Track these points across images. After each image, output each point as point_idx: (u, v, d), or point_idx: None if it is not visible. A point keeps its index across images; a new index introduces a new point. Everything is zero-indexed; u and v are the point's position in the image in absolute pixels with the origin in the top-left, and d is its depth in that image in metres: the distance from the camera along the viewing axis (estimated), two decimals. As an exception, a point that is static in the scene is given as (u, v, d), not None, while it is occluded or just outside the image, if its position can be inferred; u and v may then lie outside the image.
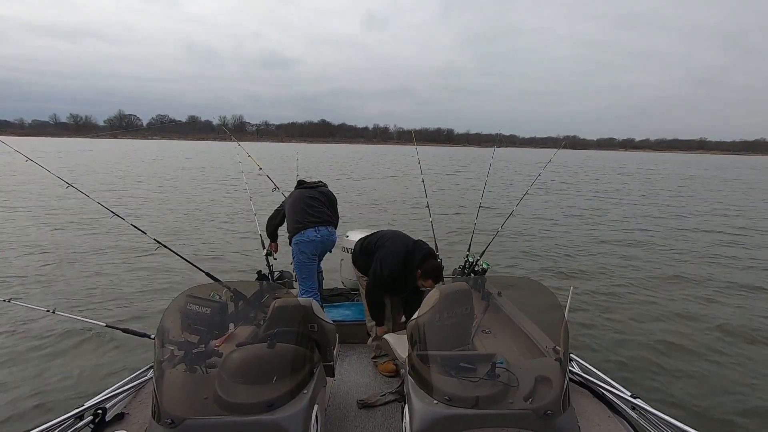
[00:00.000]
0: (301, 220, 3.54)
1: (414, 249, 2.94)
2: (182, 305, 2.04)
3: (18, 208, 13.23)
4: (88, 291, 6.30)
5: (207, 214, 12.97)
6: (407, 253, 2.92)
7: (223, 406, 1.61)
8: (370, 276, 3.11)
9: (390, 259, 2.94)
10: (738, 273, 7.81)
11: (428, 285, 2.84)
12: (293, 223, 3.57)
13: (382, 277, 2.96)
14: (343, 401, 2.71)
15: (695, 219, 13.83)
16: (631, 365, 4.42)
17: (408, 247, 2.96)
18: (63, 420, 1.81)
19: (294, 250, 3.58)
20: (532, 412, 1.57)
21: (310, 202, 3.63)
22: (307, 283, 3.59)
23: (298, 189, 3.75)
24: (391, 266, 2.92)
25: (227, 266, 7.67)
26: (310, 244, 3.52)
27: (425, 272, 2.82)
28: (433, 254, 2.95)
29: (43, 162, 4.12)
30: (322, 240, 3.56)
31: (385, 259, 2.97)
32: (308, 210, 3.58)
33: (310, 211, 3.59)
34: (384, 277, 2.95)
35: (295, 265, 3.61)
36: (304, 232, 3.50)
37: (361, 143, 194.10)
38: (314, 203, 3.64)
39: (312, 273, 3.62)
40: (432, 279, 2.82)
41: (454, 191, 20.61)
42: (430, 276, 2.82)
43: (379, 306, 3.12)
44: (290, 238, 3.60)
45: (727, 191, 24.26)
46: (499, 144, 7.47)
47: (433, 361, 1.84)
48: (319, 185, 3.82)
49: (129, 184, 20.23)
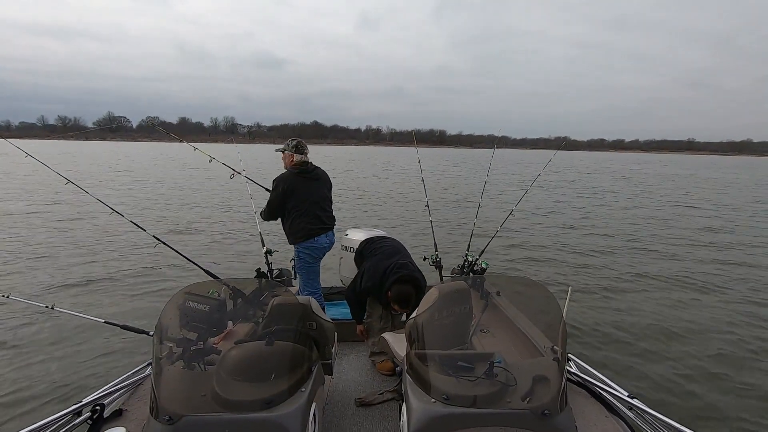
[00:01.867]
0: (314, 228, 3.46)
1: (391, 271, 2.86)
2: (181, 302, 2.04)
3: (15, 203, 13.22)
4: (87, 287, 6.31)
5: (203, 210, 12.97)
6: (384, 274, 2.87)
7: (221, 403, 1.61)
8: (351, 280, 3.15)
9: (369, 275, 2.96)
10: (738, 272, 7.82)
11: (397, 310, 2.83)
12: (304, 230, 3.43)
13: (359, 288, 3.01)
14: (342, 399, 2.71)
15: (692, 220, 13.85)
16: (629, 365, 4.43)
17: (387, 268, 2.89)
18: (61, 416, 1.81)
19: (300, 254, 3.50)
20: (529, 412, 1.57)
21: (321, 204, 3.53)
22: (313, 285, 3.57)
23: (302, 177, 3.51)
24: (367, 283, 2.95)
25: (226, 264, 7.68)
26: (321, 250, 3.51)
27: (392, 297, 2.78)
28: (408, 279, 2.81)
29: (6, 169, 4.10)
30: (330, 244, 3.57)
31: (366, 273, 2.99)
32: (321, 215, 3.51)
33: (323, 216, 3.52)
34: (361, 290, 3.00)
35: (301, 267, 3.53)
36: (316, 239, 3.46)
37: (354, 144, 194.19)
38: (325, 205, 3.57)
39: (317, 275, 3.60)
40: (398, 305, 2.77)
41: (450, 191, 20.63)
42: (396, 302, 2.77)
43: (358, 305, 3.14)
44: (296, 241, 3.48)
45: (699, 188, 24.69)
46: (496, 145, 7.48)
47: (431, 359, 1.85)
48: (319, 173, 3.63)
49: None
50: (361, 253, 3.34)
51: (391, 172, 32.16)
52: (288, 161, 3.57)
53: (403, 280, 2.80)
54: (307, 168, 3.56)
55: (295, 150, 3.53)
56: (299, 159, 3.53)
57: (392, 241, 3.36)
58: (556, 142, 57.29)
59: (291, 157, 3.54)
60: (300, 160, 3.53)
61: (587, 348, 4.77)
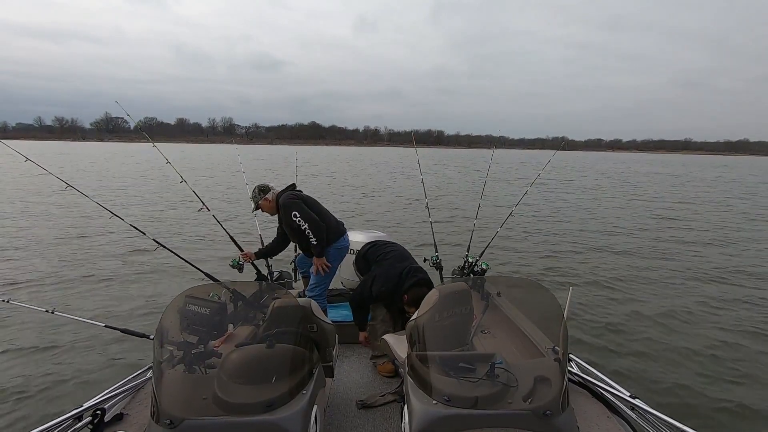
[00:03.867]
0: (340, 227, 3.46)
1: (407, 275, 2.93)
2: (181, 305, 2.04)
3: (15, 207, 13.22)
4: (87, 291, 6.30)
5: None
6: (400, 278, 2.93)
7: (222, 406, 1.61)
8: (359, 285, 3.15)
9: (383, 280, 2.98)
10: (736, 273, 7.82)
11: (411, 312, 2.81)
12: (335, 228, 3.40)
13: (369, 293, 3.01)
14: (343, 401, 2.71)
15: (695, 220, 13.86)
16: (631, 365, 4.43)
17: (402, 272, 2.96)
18: (62, 420, 1.80)
19: (333, 255, 3.41)
20: (531, 413, 1.57)
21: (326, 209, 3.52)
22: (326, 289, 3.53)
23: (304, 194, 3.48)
24: (381, 288, 2.96)
25: (226, 267, 7.66)
26: (346, 250, 3.50)
27: (410, 300, 2.82)
28: (425, 283, 2.90)
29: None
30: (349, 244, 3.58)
31: (379, 278, 3.00)
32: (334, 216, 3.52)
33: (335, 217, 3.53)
34: (371, 294, 3.00)
35: (327, 273, 3.43)
36: (344, 237, 3.47)
37: (352, 145, 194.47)
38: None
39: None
40: (415, 307, 2.78)
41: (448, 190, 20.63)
42: (414, 304, 2.77)
43: (363, 311, 3.14)
44: (329, 244, 3.38)
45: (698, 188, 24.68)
46: (495, 146, 7.51)
47: (432, 361, 1.84)
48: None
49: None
50: (364, 256, 3.35)
51: (392, 174, 32.19)
52: (268, 204, 3.45)
53: (421, 284, 2.88)
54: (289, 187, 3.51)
55: (264, 192, 3.44)
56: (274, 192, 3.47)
57: (398, 246, 3.39)
58: (553, 142, 57.26)
59: (267, 200, 3.44)
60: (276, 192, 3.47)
61: (588, 348, 4.77)
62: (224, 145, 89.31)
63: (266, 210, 3.49)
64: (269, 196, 3.44)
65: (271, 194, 3.44)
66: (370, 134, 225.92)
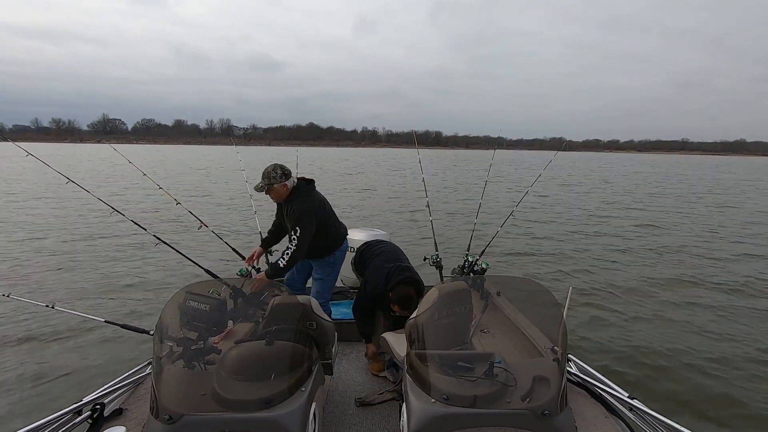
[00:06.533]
0: (342, 231, 3.38)
1: (393, 273, 2.88)
2: (181, 302, 2.04)
3: (15, 202, 13.23)
4: (88, 287, 6.31)
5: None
6: (387, 276, 2.90)
7: (221, 402, 1.62)
8: (357, 292, 3.15)
9: (373, 281, 2.97)
10: (736, 273, 7.82)
11: (397, 311, 2.81)
12: (337, 235, 3.30)
13: (366, 297, 3.00)
14: (342, 399, 2.71)
15: (694, 220, 13.84)
16: (629, 366, 4.43)
17: (390, 271, 2.91)
18: (61, 415, 1.81)
19: (337, 260, 3.35)
20: (529, 412, 1.57)
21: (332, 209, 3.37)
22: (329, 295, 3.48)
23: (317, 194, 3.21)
24: (374, 289, 2.95)
25: (226, 263, 7.67)
26: (346, 251, 3.46)
27: (394, 298, 2.77)
28: (410, 282, 2.82)
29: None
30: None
31: (370, 280, 3.00)
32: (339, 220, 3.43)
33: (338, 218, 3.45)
34: (367, 297, 3.00)
35: (333, 277, 3.38)
36: (346, 241, 3.41)
37: (350, 146, 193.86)
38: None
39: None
40: (399, 305, 2.75)
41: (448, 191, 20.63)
42: (397, 303, 2.76)
43: (365, 321, 3.09)
44: (333, 251, 3.28)
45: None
46: (492, 146, 7.54)
47: (431, 360, 1.85)
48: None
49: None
50: (361, 256, 3.35)
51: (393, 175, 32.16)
52: (283, 191, 3.06)
53: (407, 282, 2.83)
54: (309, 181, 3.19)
55: (286, 177, 3.02)
56: (293, 181, 3.10)
57: (391, 245, 3.38)
58: (551, 142, 57.32)
59: (285, 186, 3.05)
60: (295, 182, 3.11)
61: (587, 348, 4.77)
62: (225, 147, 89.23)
63: (275, 195, 3.08)
64: (289, 183, 3.04)
65: (290, 182, 3.05)
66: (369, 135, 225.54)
